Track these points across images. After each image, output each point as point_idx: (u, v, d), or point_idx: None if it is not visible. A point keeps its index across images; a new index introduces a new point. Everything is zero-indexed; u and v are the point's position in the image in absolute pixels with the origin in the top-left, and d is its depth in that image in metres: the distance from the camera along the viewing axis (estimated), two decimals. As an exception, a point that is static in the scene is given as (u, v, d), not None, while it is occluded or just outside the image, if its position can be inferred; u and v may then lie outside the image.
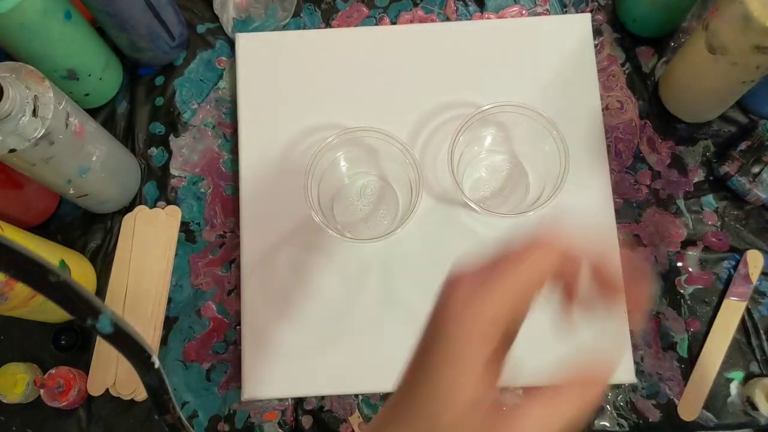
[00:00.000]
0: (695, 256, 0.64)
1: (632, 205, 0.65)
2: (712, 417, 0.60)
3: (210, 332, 0.63)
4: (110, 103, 0.69)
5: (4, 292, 0.50)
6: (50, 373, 0.59)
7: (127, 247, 0.64)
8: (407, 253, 0.63)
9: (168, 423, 0.33)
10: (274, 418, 0.61)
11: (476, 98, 0.65)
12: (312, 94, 0.67)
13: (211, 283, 0.64)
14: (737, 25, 0.51)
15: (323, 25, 0.71)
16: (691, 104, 0.65)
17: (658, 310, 0.63)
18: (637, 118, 0.67)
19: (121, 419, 0.61)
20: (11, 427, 0.61)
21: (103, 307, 0.27)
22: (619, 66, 0.69)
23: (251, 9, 0.70)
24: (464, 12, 0.71)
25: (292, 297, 0.62)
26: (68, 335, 0.62)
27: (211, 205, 0.66)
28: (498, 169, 0.65)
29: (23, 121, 0.50)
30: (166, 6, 0.63)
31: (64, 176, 0.56)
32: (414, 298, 0.62)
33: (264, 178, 0.65)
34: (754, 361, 0.62)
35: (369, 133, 0.59)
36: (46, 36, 0.57)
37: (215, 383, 0.62)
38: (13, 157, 0.50)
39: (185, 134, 0.68)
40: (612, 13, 0.70)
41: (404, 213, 0.61)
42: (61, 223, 0.66)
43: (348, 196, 0.65)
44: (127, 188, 0.65)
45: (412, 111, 0.66)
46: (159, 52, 0.67)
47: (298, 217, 0.63)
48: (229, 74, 0.70)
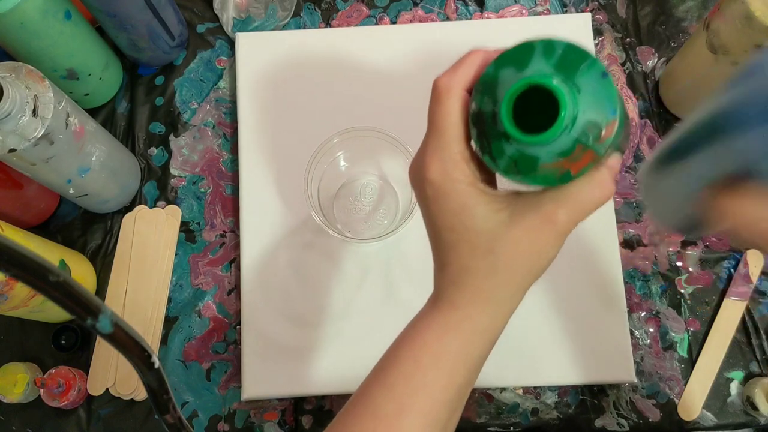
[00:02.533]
0: (695, 256, 0.64)
1: (632, 205, 0.65)
2: (712, 417, 0.60)
3: (210, 332, 0.63)
4: (110, 103, 0.69)
5: (4, 292, 0.50)
6: (50, 372, 0.59)
7: (127, 247, 0.64)
8: (407, 253, 0.63)
9: (168, 423, 0.33)
10: (274, 418, 0.61)
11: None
12: (312, 94, 0.67)
13: (211, 282, 0.64)
14: (739, 24, 0.51)
15: (323, 24, 0.71)
16: (692, 104, 0.65)
17: (658, 310, 0.63)
18: (638, 117, 0.67)
19: (121, 419, 0.61)
20: (11, 426, 0.61)
21: (103, 306, 0.27)
22: (619, 66, 0.69)
23: (251, 9, 0.70)
24: (464, 12, 0.71)
25: (292, 297, 0.62)
26: (68, 335, 0.62)
27: (211, 205, 0.66)
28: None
29: (23, 121, 0.50)
30: (166, 6, 0.63)
31: (64, 176, 0.56)
32: (414, 298, 0.61)
33: (264, 178, 0.65)
34: (754, 361, 0.62)
35: (369, 133, 0.59)
36: (46, 36, 0.57)
37: (215, 383, 0.62)
38: (13, 156, 0.50)
39: (185, 134, 0.68)
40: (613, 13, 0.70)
41: (404, 213, 0.61)
42: (61, 223, 0.66)
43: (348, 196, 0.65)
44: (127, 188, 0.65)
45: (412, 110, 0.66)
46: (159, 52, 0.67)
47: (298, 217, 0.63)
48: (229, 74, 0.70)
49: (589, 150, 0.32)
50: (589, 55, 0.33)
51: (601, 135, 0.32)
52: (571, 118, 0.32)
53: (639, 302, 0.63)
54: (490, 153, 0.34)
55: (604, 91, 0.32)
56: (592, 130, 0.32)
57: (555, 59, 0.33)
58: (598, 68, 0.32)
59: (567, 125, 0.32)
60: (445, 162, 0.34)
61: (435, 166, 0.35)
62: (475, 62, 0.35)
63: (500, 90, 0.33)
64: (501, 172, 0.34)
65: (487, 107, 0.34)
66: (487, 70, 0.34)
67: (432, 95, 0.36)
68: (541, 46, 0.33)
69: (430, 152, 0.35)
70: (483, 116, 0.34)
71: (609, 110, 0.32)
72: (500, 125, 0.33)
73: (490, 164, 0.34)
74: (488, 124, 0.34)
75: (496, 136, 0.33)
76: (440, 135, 0.35)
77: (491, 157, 0.34)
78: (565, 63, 0.33)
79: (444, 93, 0.35)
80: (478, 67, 0.35)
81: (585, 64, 0.32)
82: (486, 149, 0.34)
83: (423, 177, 0.35)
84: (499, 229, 0.34)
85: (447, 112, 0.35)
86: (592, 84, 0.32)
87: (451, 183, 0.34)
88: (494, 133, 0.34)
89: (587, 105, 0.32)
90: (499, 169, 0.34)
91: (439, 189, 0.35)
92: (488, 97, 0.34)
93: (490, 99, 0.34)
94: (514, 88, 0.32)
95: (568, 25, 0.68)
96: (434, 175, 0.35)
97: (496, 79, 0.34)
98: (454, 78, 0.35)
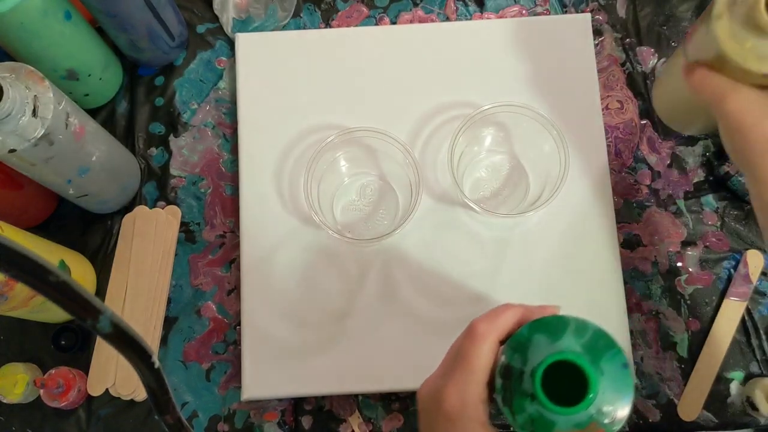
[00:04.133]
0: (695, 256, 0.64)
1: (632, 205, 0.65)
2: (712, 417, 0.60)
3: (210, 332, 0.63)
4: (110, 103, 0.69)
5: (4, 292, 0.50)
6: (50, 373, 0.59)
7: (126, 247, 0.64)
8: (407, 253, 0.63)
9: (168, 423, 0.33)
10: (273, 418, 0.61)
11: (476, 98, 0.65)
12: (312, 94, 0.67)
13: (211, 283, 0.64)
14: (713, 60, 0.45)
15: (323, 25, 0.71)
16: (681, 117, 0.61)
17: (657, 310, 0.63)
18: (637, 118, 0.67)
19: (121, 419, 0.61)
20: (11, 427, 0.61)
21: (103, 307, 0.27)
22: (619, 66, 0.69)
23: (251, 9, 0.70)
24: (464, 12, 0.71)
25: (292, 297, 0.62)
26: (68, 335, 0.62)
27: (211, 205, 0.66)
28: (498, 169, 0.65)
29: (23, 121, 0.50)
30: (166, 6, 0.63)
31: (63, 176, 0.56)
32: (414, 298, 0.62)
33: (264, 178, 0.65)
34: (754, 361, 0.62)
35: (369, 133, 0.59)
36: (46, 36, 0.57)
37: (215, 383, 0.62)
38: (13, 157, 0.50)
39: (185, 134, 0.68)
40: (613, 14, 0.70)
41: (404, 213, 0.61)
42: (61, 223, 0.66)
43: (348, 196, 0.65)
44: (127, 188, 0.65)
45: (412, 111, 0.66)
46: (159, 52, 0.67)
47: (299, 216, 0.63)
48: (229, 74, 0.70)
49: (601, 429, 0.36)
50: (616, 344, 0.37)
51: (615, 418, 0.36)
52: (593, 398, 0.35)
53: (639, 302, 0.63)
54: (511, 406, 0.37)
55: (623, 381, 0.36)
56: (607, 412, 0.36)
57: (585, 340, 0.37)
58: (621, 358, 0.36)
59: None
60: (465, 397, 0.37)
61: (454, 397, 0.37)
62: (513, 318, 0.39)
63: (532, 353, 0.37)
64: (517, 427, 0.37)
65: (516, 364, 0.37)
66: (521, 331, 0.38)
67: (468, 333, 0.39)
68: (573, 325, 0.37)
69: (453, 383, 0.38)
70: (511, 371, 0.37)
71: (625, 398, 0.36)
72: (528, 386, 0.36)
73: (508, 416, 0.37)
74: (515, 380, 0.37)
75: (520, 392, 0.36)
76: (469, 372, 0.37)
77: (511, 410, 0.37)
78: (593, 346, 0.37)
79: (481, 337, 0.38)
80: (514, 324, 0.39)
81: (611, 352, 0.37)
82: (507, 401, 0.37)
83: (438, 405, 0.37)
84: None
85: (480, 354, 0.38)
86: (613, 371, 0.36)
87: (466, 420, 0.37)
88: (519, 389, 0.37)
89: (607, 389, 0.36)
90: (516, 424, 0.37)
91: (451, 418, 0.37)
92: (519, 356, 0.37)
93: (521, 358, 0.37)
94: (550, 359, 0.35)
95: (568, 26, 0.68)
96: (451, 406, 0.37)
97: (529, 342, 0.37)
98: (492, 326, 0.38)
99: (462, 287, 0.62)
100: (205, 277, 0.64)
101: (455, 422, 0.37)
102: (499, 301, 0.62)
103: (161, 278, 0.64)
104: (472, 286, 0.62)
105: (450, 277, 0.62)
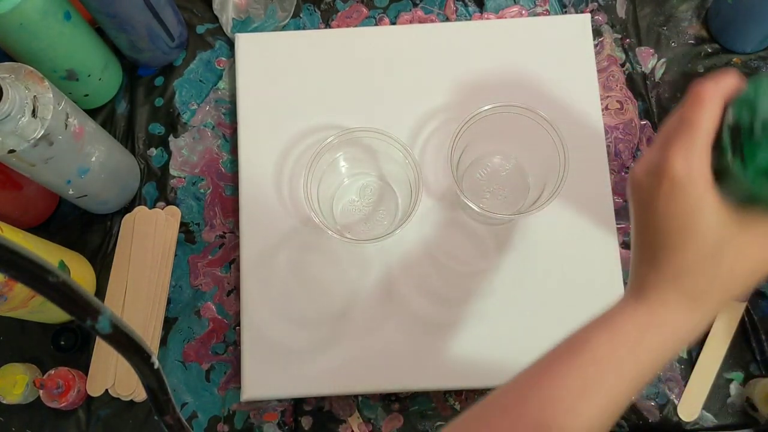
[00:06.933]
0: (695, 256, 0.64)
1: (632, 205, 0.65)
2: (712, 417, 0.60)
3: (209, 333, 0.63)
4: (110, 103, 0.69)
5: (3, 292, 0.50)
6: (49, 373, 0.59)
7: (126, 248, 0.64)
8: (407, 253, 0.63)
9: (167, 424, 0.33)
10: (273, 418, 0.61)
11: (476, 98, 0.65)
12: (312, 94, 0.67)
13: (211, 283, 0.64)
14: None
15: (323, 25, 0.71)
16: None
17: (658, 311, 0.63)
18: (637, 118, 0.67)
19: (121, 420, 0.61)
20: (10, 427, 0.61)
21: (103, 307, 0.27)
22: (619, 66, 0.69)
23: (251, 9, 0.70)
24: (464, 12, 0.71)
25: (292, 297, 0.62)
26: (68, 336, 0.62)
27: (210, 205, 0.66)
28: (497, 169, 0.65)
29: (23, 122, 0.50)
30: (166, 6, 0.63)
31: (63, 177, 0.56)
32: (414, 298, 0.62)
33: (264, 178, 0.65)
34: (753, 361, 0.62)
35: (369, 133, 0.59)
36: (46, 36, 0.57)
37: (215, 384, 0.62)
38: (12, 157, 0.50)
39: (185, 135, 0.68)
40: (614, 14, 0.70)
41: (404, 213, 0.61)
42: (61, 223, 0.66)
43: (348, 197, 0.65)
44: (127, 189, 0.65)
45: (412, 111, 0.66)
46: (158, 53, 0.67)
47: (298, 217, 0.63)
48: (229, 75, 0.70)
49: None
50: None
51: None
52: None
53: (639, 303, 0.63)
54: (743, 158, 0.36)
55: None
56: None
57: None
58: None
59: None
60: (690, 157, 0.36)
61: (679, 159, 0.36)
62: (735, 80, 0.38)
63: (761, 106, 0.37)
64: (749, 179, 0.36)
65: (745, 120, 0.37)
66: (747, 89, 0.38)
67: (693, 97, 0.38)
68: None
69: (677, 147, 0.36)
70: (740, 128, 0.37)
71: None
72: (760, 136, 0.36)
73: (738, 171, 0.36)
74: (745, 136, 0.36)
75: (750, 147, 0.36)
76: (694, 132, 0.36)
77: (743, 162, 0.36)
78: None
79: (708, 97, 0.37)
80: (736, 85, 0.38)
81: None
82: (738, 153, 0.36)
83: (661, 174, 0.36)
84: (727, 233, 0.35)
85: (707, 115, 0.37)
86: None
87: (692, 178, 0.35)
88: (749, 144, 0.36)
89: None
90: (748, 176, 0.36)
91: (677, 184, 0.36)
92: (747, 111, 0.37)
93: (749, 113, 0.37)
94: None
95: (568, 26, 0.68)
96: (677, 169, 0.36)
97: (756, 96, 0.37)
98: (718, 87, 0.37)
99: (462, 287, 0.62)
100: (205, 277, 0.64)
101: (684, 186, 0.36)
102: (498, 301, 0.62)
103: (161, 279, 0.64)
104: (472, 286, 0.62)
105: (450, 277, 0.62)
